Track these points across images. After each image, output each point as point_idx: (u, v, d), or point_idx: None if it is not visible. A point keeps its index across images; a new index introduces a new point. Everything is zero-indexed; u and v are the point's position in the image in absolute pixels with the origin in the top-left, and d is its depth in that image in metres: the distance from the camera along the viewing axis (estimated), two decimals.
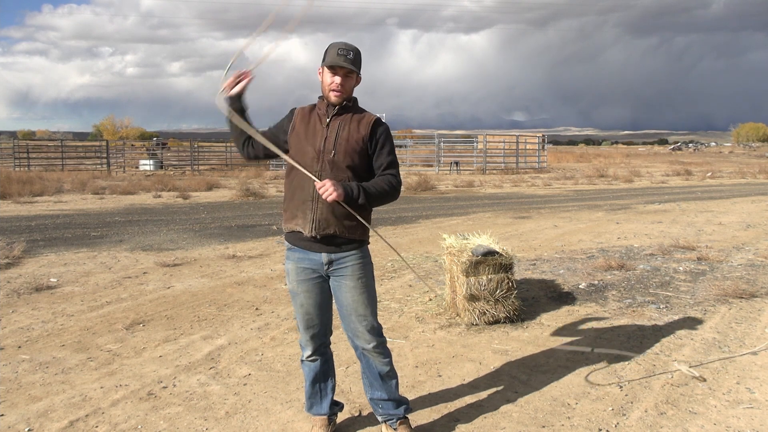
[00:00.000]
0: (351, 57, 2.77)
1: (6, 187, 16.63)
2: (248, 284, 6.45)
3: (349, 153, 2.82)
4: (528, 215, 12.67)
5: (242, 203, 15.40)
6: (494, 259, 4.87)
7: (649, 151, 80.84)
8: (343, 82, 2.80)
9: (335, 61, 2.76)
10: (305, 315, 2.96)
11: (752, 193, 18.20)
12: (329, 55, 2.79)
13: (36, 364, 4.16)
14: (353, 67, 2.78)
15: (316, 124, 2.87)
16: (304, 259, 2.90)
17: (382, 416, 3.10)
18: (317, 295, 2.94)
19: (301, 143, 2.85)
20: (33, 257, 7.85)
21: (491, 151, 32.59)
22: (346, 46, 2.80)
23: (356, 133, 2.84)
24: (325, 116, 2.86)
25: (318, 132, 2.85)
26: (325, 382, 3.12)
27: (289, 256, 2.95)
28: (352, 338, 3.00)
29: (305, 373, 3.11)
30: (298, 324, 3.03)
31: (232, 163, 34.41)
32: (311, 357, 3.04)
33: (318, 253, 2.85)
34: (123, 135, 68.46)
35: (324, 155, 2.80)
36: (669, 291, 5.99)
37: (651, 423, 3.27)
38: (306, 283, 2.92)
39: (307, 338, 3.01)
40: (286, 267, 2.98)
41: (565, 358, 4.24)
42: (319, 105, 2.91)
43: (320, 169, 2.79)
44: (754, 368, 4.02)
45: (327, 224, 2.79)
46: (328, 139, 2.82)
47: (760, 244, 8.71)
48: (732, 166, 36.69)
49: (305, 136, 2.86)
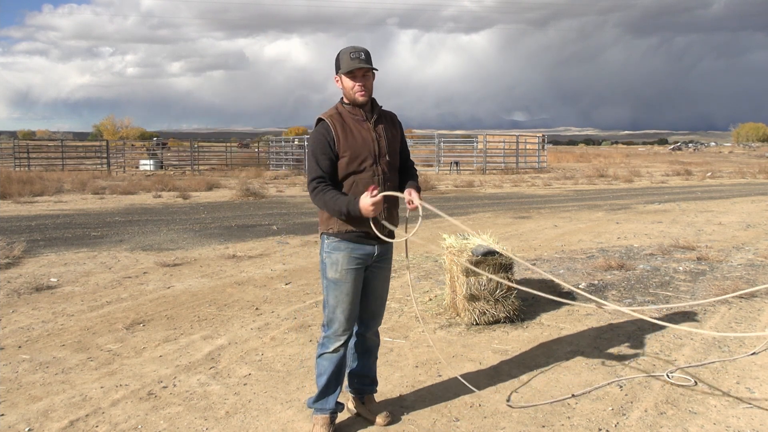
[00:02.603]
0: (363, 57, 2.92)
1: (6, 187, 16.62)
2: (248, 284, 6.45)
3: (397, 153, 3.14)
4: (528, 215, 12.67)
5: (242, 203, 15.40)
6: (494, 258, 4.87)
7: (649, 151, 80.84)
8: (365, 82, 2.97)
9: (352, 66, 2.91)
10: (350, 303, 3.08)
11: (752, 193, 18.20)
12: (343, 62, 2.94)
13: (36, 364, 4.16)
14: (370, 66, 2.94)
15: (361, 130, 3.02)
16: (357, 249, 3.04)
17: (353, 389, 3.36)
18: (360, 283, 3.11)
19: (358, 149, 2.98)
20: (33, 257, 7.85)
21: (491, 151, 32.58)
22: (356, 49, 2.94)
23: (396, 134, 3.13)
24: (366, 121, 3.04)
25: (368, 138, 3.01)
26: (339, 377, 3.17)
27: (339, 246, 3.05)
28: (366, 320, 3.22)
29: (323, 368, 3.12)
30: (334, 314, 3.08)
31: (232, 163, 34.44)
32: (339, 347, 3.11)
33: (372, 246, 3.05)
34: (123, 135, 68.44)
35: (380, 159, 3.02)
36: (669, 291, 5.99)
37: (651, 423, 3.27)
38: (354, 272, 3.05)
39: (345, 327, 3.10)
40: (333, 257, 3.05)
41: (565, 358, 4.24)
42: (350, 110, 3.04)
43: (381, 173, 3.02)
44: (754, 368, 4.02)
45: (394, 220, 3.10)
46: (380, 143, 3.04)
47: (760, 244, 8.71)
48: (732, 166, 36.69)
49: (356, 142, 2.99)
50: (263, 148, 41.55)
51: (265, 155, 37.39)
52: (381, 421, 3.25)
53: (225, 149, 39.73)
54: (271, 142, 38.70)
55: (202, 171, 29.60)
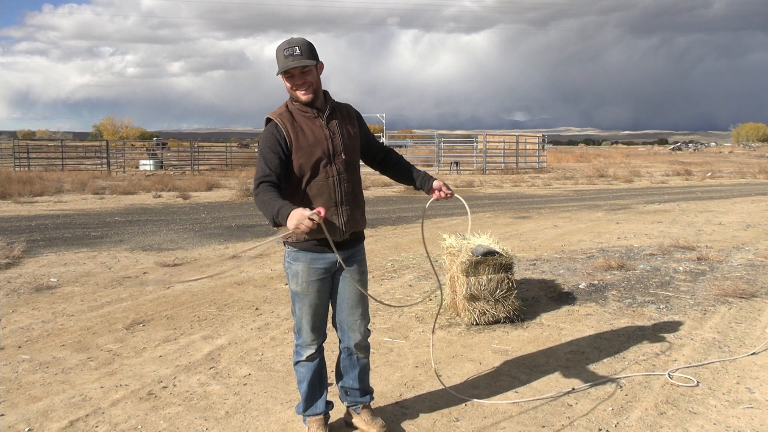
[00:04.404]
0: (298, 53, 2.68)
1: (6, 187, 16.63)
2: (248, 284, 6.45)
3: (355, 150, 2.92)
4: (528, 215, 12.67)
5: (242, 203, 15.40)
6: (494, 259, 4.87)
7: (649, 151, 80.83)
8: (305, 79, 2.73)
9: (285, 66, 2.69)
10: (314, 315, 2.95)
11: (752, 193, 18.20)
12: (279, 61, 2.72)
13: (36, 364, 4.16)
14: (306, 62, 2.68)
15: (313, 128, 2.81)
16: (317, 260, 2.87)
17: (347, 402, 3.22)
18: (326, 294, 2.96)
19: (310, 150, 2.77)
20: (33, 257, 7.85)
21: (491, 151, 32.57)
22: (289, 44, 2.70)
23: (353, 128, 2.93)
24: (318, 118, 2.83)
25: (320, 136, 2.80)
26: (321, 380, 3.11)
27: (298, 257, 2.89)
28: (346, 331, 3.03)
29: (302, 375, 3.05)
30: (300, 324, 2.98)
31: (232, 163, 34.42)
32: (312, 356, 3.02)
33: (334, 254, 2.77)
34: (123, 135, 68.47)
35: (335, 158, 2.82)
36: (669, 291, 5.99)
37: (651, 423, 3.27)
38: (317, 284, 2.89)
39: (312, 337, 2.99)
40: (293, 269, 2.90)
41: (565, 358, 4.24)
42: (300, 108, 2.82)
43: (337, 173, 2.81)
44: (754, 368, 4.02)
45: (355, 224, 2.90)
46: (335, 141, 2.83)
47: (760, 244, 8.71)
48: (732, 166, 36.68)
49: (308, 142, 2.78)
50: None
51: None
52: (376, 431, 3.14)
53: (225, 149, 39.72)
54: None
55: (202, 171, 29.59)
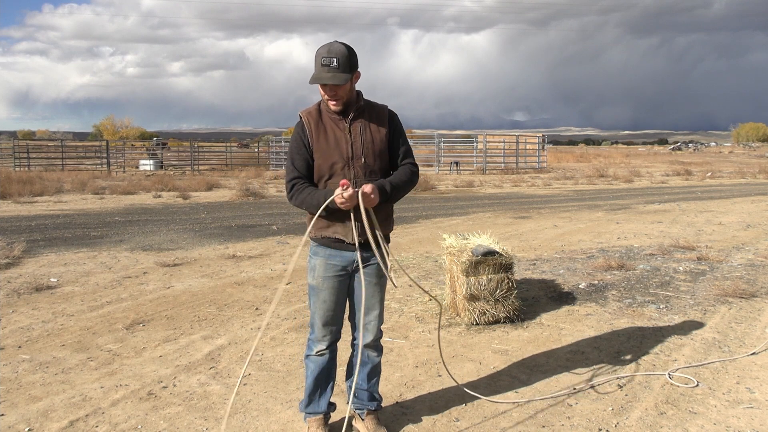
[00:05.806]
0: (335, 65, 2.64)
1: (6, 187, 16.62)
2: (248, 284, 6.45)
3: (377, 155, 2.84)
4: (528, 215, 12.67)
5: (242, 203, 15.40)
6: (494, 259, 4.87)
7: (649, 151, 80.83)
8: (337, 94, 2.73)
9: (319, 80, 2.67)
10: (327, 311, 2.95)
11: (752, 193, 18.20)
12: (315, 65, 2.68)
13: (36, 364, 4.16)
14: (339, 82, 2.65)
15: (335, 130, 2.80)
16: (335, 256, 2.88)
17: (354, 404, 3.15)
18: (341, 291, 2.95)
19: (328, 152, 2.78)
20: (33, 257, 7.85)
21: (491, 151, 32.58)
22: (329, 53, 2.65)
23: (378, 132, 2.85)
24: (341, 121, 2.81)
25: (341, 138, 2.80)
26: (327, 379, 3.10)
27: (317, 252, 2.92)
28: (359, 329, 3.01)
29: (310, 370, 3.06)
30: (313, 319, 3.00)
31: (232, 163, 34.43)
32: (322, 351, 3.02)
33: (351, 252, 2.84)
34: (123, 135, 68.44)
35: (354, 162, 2.79)
36: (669, 291, 5.99)
37: (651, 423, 3.27)
38: (332, 280, 2.91)
39: (324, 333, 2.99)
40: (312, 262, 2.95)
41: (565, 358, 4.24)
42: (328, 108, 2.82)
43: (354, 177, 2.78)
44: (754, 368, 4.02)
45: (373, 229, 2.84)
46: (355, 144, 2.80)
47: (760, 244, 8.71)
48: (732, 166, 36.68)
49: (327, 144, 2.78)
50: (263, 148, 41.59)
51: (265, 155, 37.43)
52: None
53: (225, 149, 39.72)
54: (271, 142, 38.72)
55: (202, 171, 29.59)
